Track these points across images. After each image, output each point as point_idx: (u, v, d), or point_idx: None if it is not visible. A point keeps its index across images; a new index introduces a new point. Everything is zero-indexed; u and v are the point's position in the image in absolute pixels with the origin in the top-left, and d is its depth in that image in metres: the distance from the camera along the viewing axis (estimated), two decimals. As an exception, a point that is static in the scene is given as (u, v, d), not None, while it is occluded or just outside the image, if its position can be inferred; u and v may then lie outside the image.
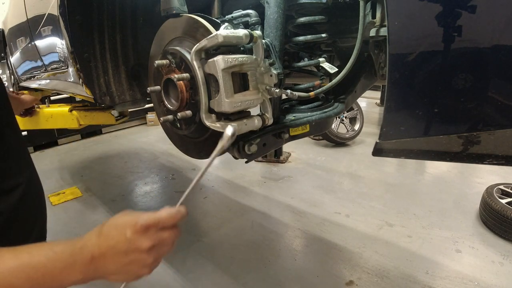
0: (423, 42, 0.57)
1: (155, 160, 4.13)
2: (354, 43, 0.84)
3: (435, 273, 1.98)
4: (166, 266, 2.09)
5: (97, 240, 0.54)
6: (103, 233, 0.54)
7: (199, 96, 0.79)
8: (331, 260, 2.13)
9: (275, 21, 0.90)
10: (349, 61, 0.87)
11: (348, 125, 4.41)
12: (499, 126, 0.55)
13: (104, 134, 5.45)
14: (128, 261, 0.54)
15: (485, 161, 0.66)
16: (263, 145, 0.97)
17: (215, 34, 0.73)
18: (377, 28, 0.78)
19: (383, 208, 2.76)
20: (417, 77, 0.60)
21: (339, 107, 1.12)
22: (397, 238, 2.34)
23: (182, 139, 1.06)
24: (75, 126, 2.37)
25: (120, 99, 1.50)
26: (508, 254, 2.12)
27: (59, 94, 3.60)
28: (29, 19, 1.84)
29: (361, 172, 3.53)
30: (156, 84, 0.95)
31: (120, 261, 0.53)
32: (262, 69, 0.82)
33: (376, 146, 0.73)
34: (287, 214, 2.71)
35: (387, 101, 0.65)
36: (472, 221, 2.53)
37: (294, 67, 1.13)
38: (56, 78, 1.82)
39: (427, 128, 0.62)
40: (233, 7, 1.02)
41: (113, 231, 0.54)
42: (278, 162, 3.83)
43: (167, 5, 0.91)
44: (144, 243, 0.53)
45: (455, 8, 0.52)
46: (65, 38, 1.33)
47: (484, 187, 2.62)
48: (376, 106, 6.99)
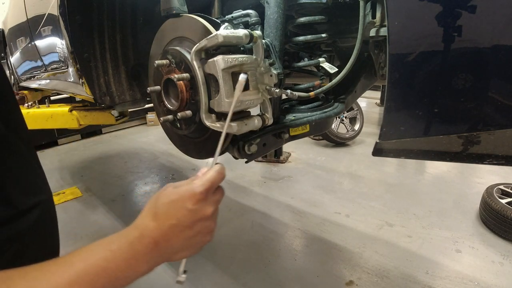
0: (423, 42, 0.57)
1: (155, 160, 4.13)
2: (354, 43, 0.84)
3: (435, 273, 1.98)
4: (166, 267, 2.09)
5: (156, 224, 0.50)
6: (159, 215, 0.51)
7: (199, 96, 0.79)
8: (331, 260, 2.13)
9: (275, 21, 0.90)
10: (349, 61, 0.87)
11: (348, 125, 4.41)
12: (499, 126, 0.55)
13: (104, 134, 5.45)
14: (194, 233, 0.52)
15: (485, 161, 0.66)
16: (263, 145, 0.97)
17: (215, 34, 0.73)
18: (377, 28, 0.78)
19: (383, 208, 2.76)
20: (417, 77, 0.60)
21: (339, 107, 1.12)
22: (397, 238, 2.34)
23: (182, 139, 1.06)
24: (75, 126, 2.37)
25: (120, 99, 1.51)
26: (508, 254, 2.12)
27: (59, 94, 3.60)
28: (29, 19, 1.85)
29: (361, 172, 3.53)
30: (156, 84, 0.95)
31: (185, 236, 0.51)
32: (262, 69, 0.82)
33: (376, 146, 0.73)
34: (287, 214, 2.71)
35: (387, 101, 0.65)
36: (472, 221, 2.53)
37: (294, 67, 1.13)
38: (56, 78, 1.82)
39: (427, 128, 0.62)
40: (233, 7, 1.02)
41: (171, 208, 0.51)
42: (278, 162, 3.83)
43: (167, 5, 0.91)
44: (208, 210, 0.52)
45: (455, 8, 0.52)
46: (65, 38, 1.33)
47: (484, 187, 2.62)
48: (376, 106, 6.99)
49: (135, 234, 0.50)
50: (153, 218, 0.51)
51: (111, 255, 0.47)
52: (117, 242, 0.49)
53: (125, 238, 0.49)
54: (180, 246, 0.52)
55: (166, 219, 0.50)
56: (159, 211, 0.51)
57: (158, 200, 0.52)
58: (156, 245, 0.50)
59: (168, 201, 0.51)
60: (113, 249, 0.48)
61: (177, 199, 0.51)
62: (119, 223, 2.63)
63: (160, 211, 0.51)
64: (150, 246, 0.49)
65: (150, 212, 0.52)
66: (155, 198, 0.53)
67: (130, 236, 0.49)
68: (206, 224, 0.53)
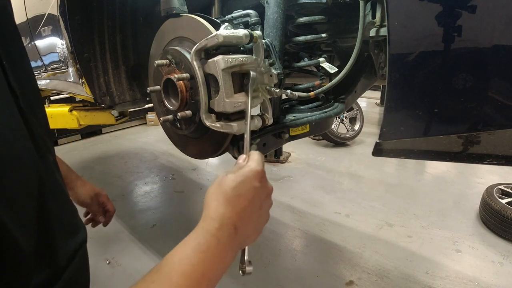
0: (423, 42, 0.57)
1: (155, 160, 4.13)
2: (354, 43, 0.84)
3: (435, 273, 1.98)
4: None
5: (231, 208, 0.50)
6: (231, 199, 0.50)
7: (199, 96, 0.79)
8: (331, 260, 2.13)
9: (275, 21, 0.90)
10: (349, 61, 0.87)
11: (348, 125, 4.41)
12: (499, 126, 0.55)
13: (104, 134, 5.45)
14: (262, 212, 0.54)
15: (485, 161, 0.66)
16: (263, 145, 0.97)
17: (215, 34, 0.73)
18: (377, 28, 0.78)
19: (383, 208, 2.76)
20: (417, 77, 0.60)
21: (339, 107, 1.12)
22: (397, 238, 2.34)
23: (182, 139, 1.06)
24: (75, 126, 2.37)
25: (120, 99, 1.51)
26: (508, 254, 2.12)
27: (59, 94, 3.60)
28: (29, 19, 1.84)
29: (361, 172, 3.53)
30: (156, 84, 0.95)
31: (257, 216, 0.53)
32: (262, 69, 0.82)
33: (376, 146, 0.73)
34: (287, 214, 2.71)
35: (387, 101, 0.65)
36: (472, 221, 2.53)
37: (294, 67, 1.12)
38: (56, 78, 1.82)
39: (427, 128, 0.62)
40: (233, 7, 1.02)
41: (241, 190, 0.51)
42: (278, 162, 3.83)
43: (167, 5, 0.91)
44: (270, 185, 0.55)
45: (455, 8, 0.52)
46: (65, 38, 1.33)
47: (484, 187, 2.62)
48: (376, 106, 6.99)
49: (215, 225, 0.49)
50: (226, 204, 0.50)
51: (204, 257, 0.46)
52: (203, 241, 0.47)
53: (209, 233, 0.48)
54: (252, 228, 0.53)
55: (239, 201, 0.51)
56: (230, 196, 0.51)
57: (223, 186, 0.52)
58: (236, 230, 0.50)
59: (235, 184, 0.51)
60: (204, 250, 0.47)
61: (244, 181, 0.52)
62: (119, 223, 2.64)
63: (231, 195, 0.51)
64: (232, 233, 0.49)
65: (220, 200, 0.51)
66: (217, 187, 0.52)
67: (213, 230, 0.48)
68: (270, 201, 0.55)
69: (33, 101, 0.54)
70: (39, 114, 0.57)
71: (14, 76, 0.47)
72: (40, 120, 0.56)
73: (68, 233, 0.56)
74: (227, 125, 0.78)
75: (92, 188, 1.05)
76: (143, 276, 0.44)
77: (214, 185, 0.53)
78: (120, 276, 2.06)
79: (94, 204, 1.03)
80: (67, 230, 0.56)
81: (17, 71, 0.49)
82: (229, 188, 0.51)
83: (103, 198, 1.06)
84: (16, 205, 0.40)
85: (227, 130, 0.79)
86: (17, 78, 0.48)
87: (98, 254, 2.25)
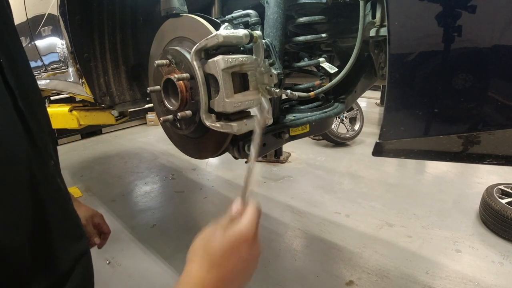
0: (423, 42, 0.57)
1: (155, 160, 4.13)
2: (354, 43, 0.84)
3: (435, 273, 1.98)
4: (166, 267, 2.09)
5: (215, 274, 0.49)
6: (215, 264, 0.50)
7: (199, 96, 0.79)
8: (331, 260, 2.13)
9: (275, 21, 0.90)
10: (349, 61, 0.87)
11: (348, 125, 4.41)
12: (499, 126, 0.55)
13: (104, 134, 5.45)
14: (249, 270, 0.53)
15: (485, 161, 0.66)
16: (263, 145, 0.97)
17: (215, 34, 0.73)
18: (377, 28, 0.78)
19: (383, 208, 2.76)
20: (417, 77, 0.60)
21: (339, 107, 1.12)
22: (397, 238, 2.34)
23: (182, 139, 1.06)
24: (75, 126, 2.36)
25: (120, 99, 1.51)
26: (508, 254, 2.12)
27: (59, 94, 3.60)
28: (29, 19, 1.84)
29: (361, 172, 3.53)
30: (156, 84, 0.95)
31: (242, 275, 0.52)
32: (262, 69, 0.82)
33: (376, 146, 0.73)
34: (287, 214, 2.71)
35: (387, 101, 0.65)
36: (472, 221, 2.53)
37: (294, 67, 1.12)
38: (56, 78, 1.82)
39: (427, 128, 0.62)
40: (233, 7, 1.02)
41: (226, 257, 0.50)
42: (278, 162, 3.83)
43: (167, 5, 0.91)
44: (258, 246, 0.53)
45: (455, 8, 0.52)
46: (65, 38, 1.33)
47: (484, 187, 2.62)
48: (376, 106, 6.99)
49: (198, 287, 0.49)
50: (210, 268, 0.50)
51: None
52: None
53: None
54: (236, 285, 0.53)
55: (223, 267, 0.50)
56: (214, 261, 0.50)
57: (208, 249, 0.51)
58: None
59: (221, 252, 0.50)
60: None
61: (232, 247, 0.50)
62: (119, 223, 2.64)
63: (215, 261, 0.50)
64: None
65: (204, 265, 0.50)
66: (203, 247, 0.52)
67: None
68: (258, 259, 0.54)
69: (32, 101, 0.54)
70: (40, 115, 0.56)
71: (12, 74, 0.46)
72: (41, 121, 0.56)
73: (70, 238, 0.56)
74: (227, 125, 0.78)
75: (87, 209, 1.03)
76: None
77: (201, 241, 0.52)
78: (120, 276, 2.06)
79: (89, 226, 1.01)
80: (68, 234, 0.56)
81: (15, 69, 0.48)
82: (215, 252, 0.50)
83: (98, 219, 1.04)
84: (4, 206, 0.40)
85: (227, 130, 0.79)
86: (15, 76, 0.47)
87: (98, 254, 2.25)
